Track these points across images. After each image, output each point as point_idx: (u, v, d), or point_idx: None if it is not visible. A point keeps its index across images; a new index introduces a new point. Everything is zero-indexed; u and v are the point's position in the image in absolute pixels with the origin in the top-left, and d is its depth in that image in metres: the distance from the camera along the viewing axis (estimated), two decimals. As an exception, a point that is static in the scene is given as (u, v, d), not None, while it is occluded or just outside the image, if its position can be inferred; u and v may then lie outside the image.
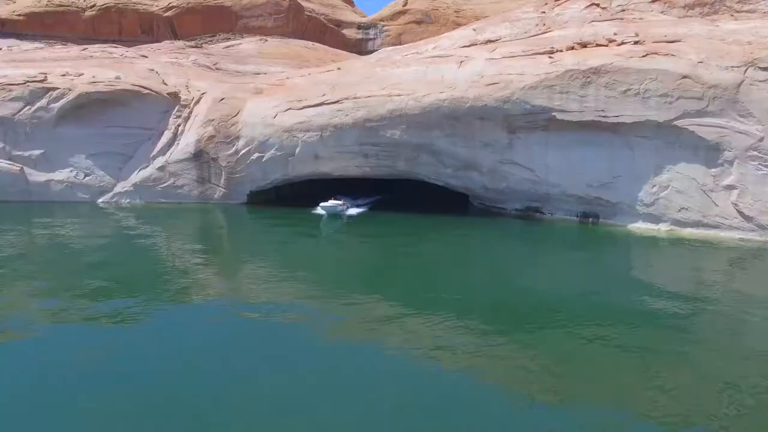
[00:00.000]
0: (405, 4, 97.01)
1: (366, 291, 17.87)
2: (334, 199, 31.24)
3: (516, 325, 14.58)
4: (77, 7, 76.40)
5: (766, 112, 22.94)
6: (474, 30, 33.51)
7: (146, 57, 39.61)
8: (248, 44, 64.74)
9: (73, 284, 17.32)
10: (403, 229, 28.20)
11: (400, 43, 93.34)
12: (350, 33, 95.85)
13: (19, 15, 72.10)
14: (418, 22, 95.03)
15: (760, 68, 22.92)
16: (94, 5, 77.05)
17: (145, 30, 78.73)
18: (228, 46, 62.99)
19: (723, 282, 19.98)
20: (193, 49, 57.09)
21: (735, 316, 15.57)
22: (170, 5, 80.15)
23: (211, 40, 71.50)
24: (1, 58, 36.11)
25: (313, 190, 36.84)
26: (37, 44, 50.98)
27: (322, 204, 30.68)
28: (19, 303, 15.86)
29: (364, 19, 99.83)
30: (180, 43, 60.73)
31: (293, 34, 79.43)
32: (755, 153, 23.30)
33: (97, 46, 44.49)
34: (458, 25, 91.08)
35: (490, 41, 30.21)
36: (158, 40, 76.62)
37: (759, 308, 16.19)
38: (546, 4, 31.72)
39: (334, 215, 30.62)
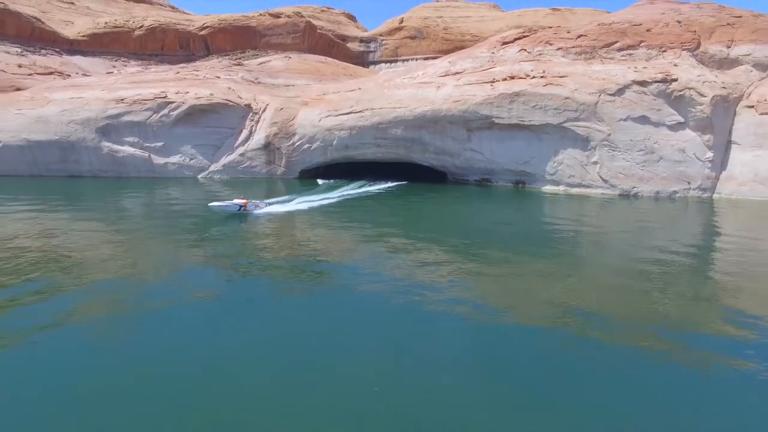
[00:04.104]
0: (401, 22, 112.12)
1: (373, 227, 27.82)
2: (240, 198, 28.63)
3: (470, 244, 23.87)
4: (128, 27, 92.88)
5: (611, 119, 39.69)
6: (449, 62, 50.05)
7: (219, 77, 55.71)
8: (276, 61, 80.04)
9: (185, 230, 25.46)
10: (402, 192, 43.66)
11: (397, 56, 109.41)
12: (353, 46, 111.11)
13: (84, 36, 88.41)
14: (412, 38, 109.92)
15: (608, 94, 39.68)
16: (142, 26, 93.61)
17: (182, 46, 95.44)
18: (261, 63, 78.41)
19: (592, 218, 33.85)
20: (237, 67, 72.68)
21: (598, 238, 26.43)
22: (205, 25, 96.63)
23: (242, 56, 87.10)
24: (123, 81, 52.18)
25: (340, 170, 53.08)
26: (138, 68, 66.75)
27: (211, 204, 27.57)
28: (150, 247, 21.98)
29: (365, 34, 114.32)
30: (226, 61, 76.22)
31: (307, 49, 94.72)
32: (606, 142, 40.04)
33: (187, 69, 60.40)
34: (446, 40, 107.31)
35: (458, 72, 46.73)
36: (193, 54, 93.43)
37: (611, 232, 28.32)
38: (495, 47, 48.32)
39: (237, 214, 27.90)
